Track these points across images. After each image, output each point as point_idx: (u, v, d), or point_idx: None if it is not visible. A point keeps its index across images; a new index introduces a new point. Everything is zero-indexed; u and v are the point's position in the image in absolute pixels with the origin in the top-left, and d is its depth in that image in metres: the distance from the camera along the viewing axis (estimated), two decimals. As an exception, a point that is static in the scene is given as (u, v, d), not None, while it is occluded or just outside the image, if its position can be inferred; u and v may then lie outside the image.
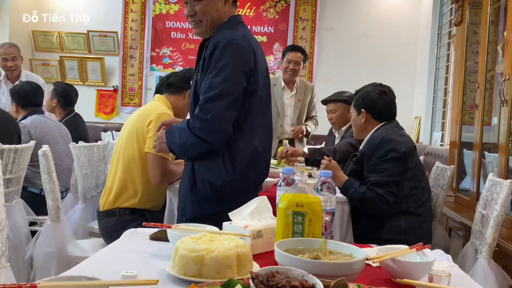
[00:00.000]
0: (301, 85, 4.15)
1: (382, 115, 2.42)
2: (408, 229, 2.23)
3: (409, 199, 2.26)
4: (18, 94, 3.30)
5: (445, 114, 5.03)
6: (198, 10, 1.78)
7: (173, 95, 2.47)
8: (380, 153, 2.25)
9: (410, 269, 1.09)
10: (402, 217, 2.23)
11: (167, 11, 6.32)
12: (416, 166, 2.32)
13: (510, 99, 2.61)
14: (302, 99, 4.09)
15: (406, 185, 2.25)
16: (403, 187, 2.25)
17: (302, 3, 6.18)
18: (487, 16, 3.18)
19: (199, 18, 1.79)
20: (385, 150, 2.24)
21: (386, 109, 2.42)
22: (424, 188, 2.36)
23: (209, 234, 1.12)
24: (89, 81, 6.44)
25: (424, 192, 2.34)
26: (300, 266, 0.94)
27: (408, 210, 2.25)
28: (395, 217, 2.24)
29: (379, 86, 2.53)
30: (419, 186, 2.31)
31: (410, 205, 2.25)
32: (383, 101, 2.41)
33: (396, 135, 2.31)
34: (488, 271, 1.98)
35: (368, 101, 2.43)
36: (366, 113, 2.43)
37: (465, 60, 3.64)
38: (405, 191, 2.25)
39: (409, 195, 2.26)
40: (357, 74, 5.76)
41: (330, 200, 1.43)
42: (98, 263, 1.16)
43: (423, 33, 5.72)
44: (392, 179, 2.22)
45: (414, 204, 2.27)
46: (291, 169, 1.54)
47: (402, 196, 2.24)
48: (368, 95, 2.44)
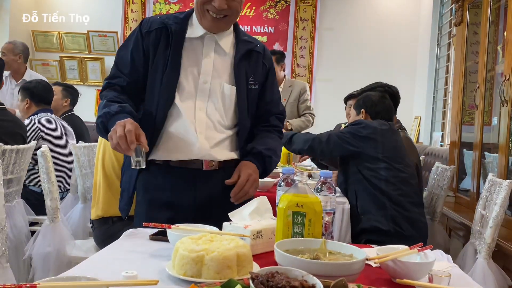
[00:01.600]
0: (288, 84, 4.23)
1: (379, 117, 2.53)
2: (395, 217, 2.25)
3: (390, 187, 2.28)
4: (33, 90, 3.37)
5: (445, 114, 5.04)
6: (232, 6, 1.56)
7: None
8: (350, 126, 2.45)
9: (410, 270, 1.10)
10: (388, 205, 2.26)
11: (167, 11, 6.32)
12: (392, 150, 2.36)
13: (510, 99, 2.61)
14: (287, 98, 4.16)
15: (383, 174, 2.30)
16: (380, 175, 2.30)
17: (302, 3, 6.18)
18: (487, 16, 3.19)
19: (229, 13, 1.57)
20: (355, 123, 2.44)
21: (384, 111, 2.55)
22: (407, 179, 2.36)
23: (209, 234, 1.12)
24: (89, 81, 6.44)
25: (405, 183, 2.34)
26: (300, 267, 0.94)
27: (390, 198, 2.28)
28: (381, 204, 2.28)
29: (383, 89, 2.77)
30: (399, 176, 2.32)
31: (391, 193, 2.28)
32: (382, 104, 2.56)
33: (373, 123, 2.44)
34: (488, 271, 1.99)
35: (368, 102, 2.58)
36: (365, 113, 2.57)
37: (465, 60, 3.65)
38: (382, 179, 2.30)
39: (387, 182, 2.29)
40: (357, 74, 5.76)
41: (330, 200, 1.43)
42: (98, 263, 1.16)
43: (423, 33, 5.73)
44: (335, 140, 2.37)
45: (394, 192, 2.29)
46: (291, 169, 1.54)
47: (380, 183, 2.29)
48: (369, 97, 2.60)
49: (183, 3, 6.29)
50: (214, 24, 1.58)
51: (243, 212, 1.38)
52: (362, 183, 2.33)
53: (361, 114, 2.57)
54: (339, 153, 2.43)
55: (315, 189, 1.41)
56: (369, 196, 2.30)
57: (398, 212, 2.25)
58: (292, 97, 4.17)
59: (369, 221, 2.26)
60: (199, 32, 1.62)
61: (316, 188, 1.42)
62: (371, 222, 2.25)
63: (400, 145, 2.42)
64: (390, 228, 2.20)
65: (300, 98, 4.19)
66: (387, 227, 2.20)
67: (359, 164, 2.35)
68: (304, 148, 2.47)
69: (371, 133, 2.33)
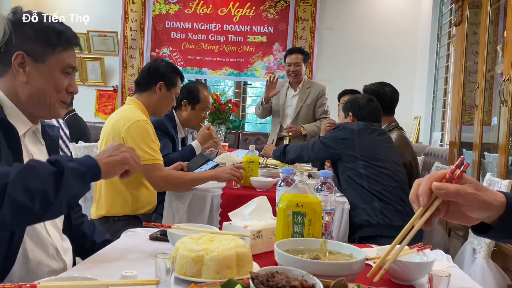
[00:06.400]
0: (306, 85, 4.16)
1: (365, 120, 2.63)
2: (383, 209, 2.30)
3: (372, 183, 2.36)
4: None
5: (445, 114, 5.04)
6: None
7: (143, 93, 2.40)
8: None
9: (410, 269, 1.10)
10: (375, 199, 2.34)
11: (167, 11, 6.32)
12: (369, 148, 2.44)
13: (509, 99, 2.62)
14: (304, 99, 4.10)
15: (362, 171, 2.39)
16: (360, 173, 2.39)
17: (302, 3, 6.18)
18: (487, 16, 3.19)
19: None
20: (335, 127, 2.61)
21: (370, 114, 2.66)
22: (389, 174, 2.41)
23: (209, 234, 1.12)
24: (89, 81, 6.44)
25: (389, 178, 2.39)
26: (300, 266, 0.94)
27: (374, 194, 2.34)
28: (368, 199, 2.35)
29: (382, 85, 3.00)
30: (379, 171, 2.39)
31: (374, 189, 2.35)
32: (369, 108, 2.67)
33: (351, 124, 2.58)
34: (487, 271, 1.99)
35: (355, 105, 2.70)
36: (352, 116, 2.70)
37: (465, 60, 3.65)
38: (363, 177, 2.38)
39: (368, 179, 2.37)
40: (357, 74, 5.76)
41: (330, 200, 1.43)
42: (98, 263, 1.16)
43: (423, 33, 5.73)
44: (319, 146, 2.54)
45: (377, 188, 2.35)
46: (291, 169, 1.54)
47: (362, 181, 2.38)
48: (356, 101, 2.73)
49: (183, 3, 6.29)
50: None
51: (243, 212, 1.38)
52: (348, 181, 2.44)
53: (349, 117, 2.71)
54: (323, 156, 2.64)
55: (315, 189, 1.41)
56: (356, 192, 2.38)
57: (385, 205, 2.31)
58: (309, 99, 4.11)
59: (360, 215, 2.32)
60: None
61: (316, 188, 1.42)
62: (361, 216, 2.31)
63: (379, 143, 2.49)
64: (380, 220, 2.27)
65: (317, 101, 4.11)
66: (376, 220, 2.28)
67: (342, 164, 2.49)
68: (294, 157, 2.73)
69: (347, 134, 2.47)
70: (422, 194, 0.87)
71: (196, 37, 6.30)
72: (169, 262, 0.88)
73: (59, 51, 1.30)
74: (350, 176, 2.42)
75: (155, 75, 2.40)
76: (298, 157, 2.71)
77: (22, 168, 1.04)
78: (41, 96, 1.30)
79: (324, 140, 2.58)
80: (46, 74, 1.29)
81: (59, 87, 1.32)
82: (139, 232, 1.45)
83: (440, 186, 0.86)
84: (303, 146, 2.70)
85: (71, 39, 1.34)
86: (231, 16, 6.24)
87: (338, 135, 2.51)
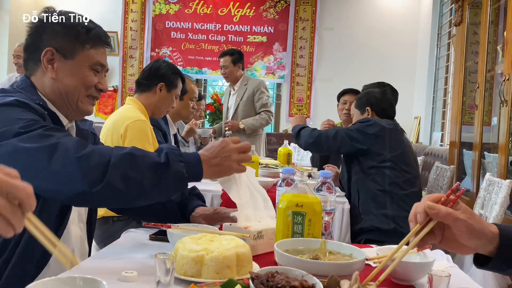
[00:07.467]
0: (244, 83, 4.23)
1: (385, 112, 2.49)
2: (396, 217, 2.22)
3: (393, 187, 2.27)
4: None
5: (445, 114, 5.04)
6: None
7: (144, 93, 2.40)
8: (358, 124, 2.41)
9: (410, 269, 1.09)
10: (389, 205, 2.24)
11: (167, 11, 6.32)
12: (398, 150, 2.32)
13: (510, 99, 2.62)
14: (241, 96, 4.19)
15: (387, 173, 2.27)
16: (384, 174, 2.27)
17: (302, 3, 6.18)
18: (487, 16, 3.19)
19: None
20: (363, 121, 2.40)
21: (389, 107, 2.52)
22: (411, 180, 2.34)
23: (209, 235, 1.12)
24: (89, 81, 6.44)
25: (409, 184, 2.32)
26: (300, 266, 0.94)
27: (392, 198, 2.26)
28: (382, 204, 2.26)
29: (381, 85, 2.75)
30: (403, 176, 2.30)
31: (394, 193, 2.26)
32: (386, 99, 2.52)
33: (382, 121, 2.40)
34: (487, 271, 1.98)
35: (372, 99, 2.52)
36: (371, 111, 2.50)
37: (465, 60, 3.65)
38: (386, 178, 2.27)
39: (390, 182, 2.27)
40: (357, 74, 5.76)
41: (330, 200, 1.43)
42: (98, 263, 1.16)
43: (423, 33, 5.73)
44: (346, 140, 2.35)
45: (397, 192, 2.26)
46: (291, 169, 1.54)
47: (383, 182, 2.27)
48: (371, 94, 2.54)
49: (183, 3, 6.29)
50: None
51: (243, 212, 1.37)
52: (364, 182, 2.32)
53: (366, 112, 2.50)
54: (346, 150, 2.41)
55: (315, 189, 1.41)
56: (371, 196, 2.29)
57: (399, 212, 2.23)
58: (245, 96, 4.18)
59: (370, 221, 2.25)
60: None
61: (316, 188, 1.42)
62: (371, 222, 2.24)
63: (406, 146, 2.40)
64: (391, 228, 2.18)
65: (254, 96, 4.17)
66: (387, 227, 2.19)
67: (364, 161, 2.33)
68: (311, 141, 2.49)
69: (379, 131, 2.31)
70: (419, 212, 0.90)
71: (196, 37, 6.31)
72: (169, 262, 0.87)
73: (88, 48, 1.31)
74: (369, 175, 2.29)
75: (156, 75, 2.40)
76: (315, 144, 2.49)
77: (126, 153, 1.08)
78: (68, 91, 1.29)
79: (349, 133, 2.36)
80: (74, 70, 1.29)
81: (88, 83, 1.31)
82: (139, 232, 1.45)
83: (432, 206, 0.88)
84: (321, 134, 2.47)
85: (101, 36, 1.35)
86: (231, 16, 6.24)
87: (369, 130, 2.31)
